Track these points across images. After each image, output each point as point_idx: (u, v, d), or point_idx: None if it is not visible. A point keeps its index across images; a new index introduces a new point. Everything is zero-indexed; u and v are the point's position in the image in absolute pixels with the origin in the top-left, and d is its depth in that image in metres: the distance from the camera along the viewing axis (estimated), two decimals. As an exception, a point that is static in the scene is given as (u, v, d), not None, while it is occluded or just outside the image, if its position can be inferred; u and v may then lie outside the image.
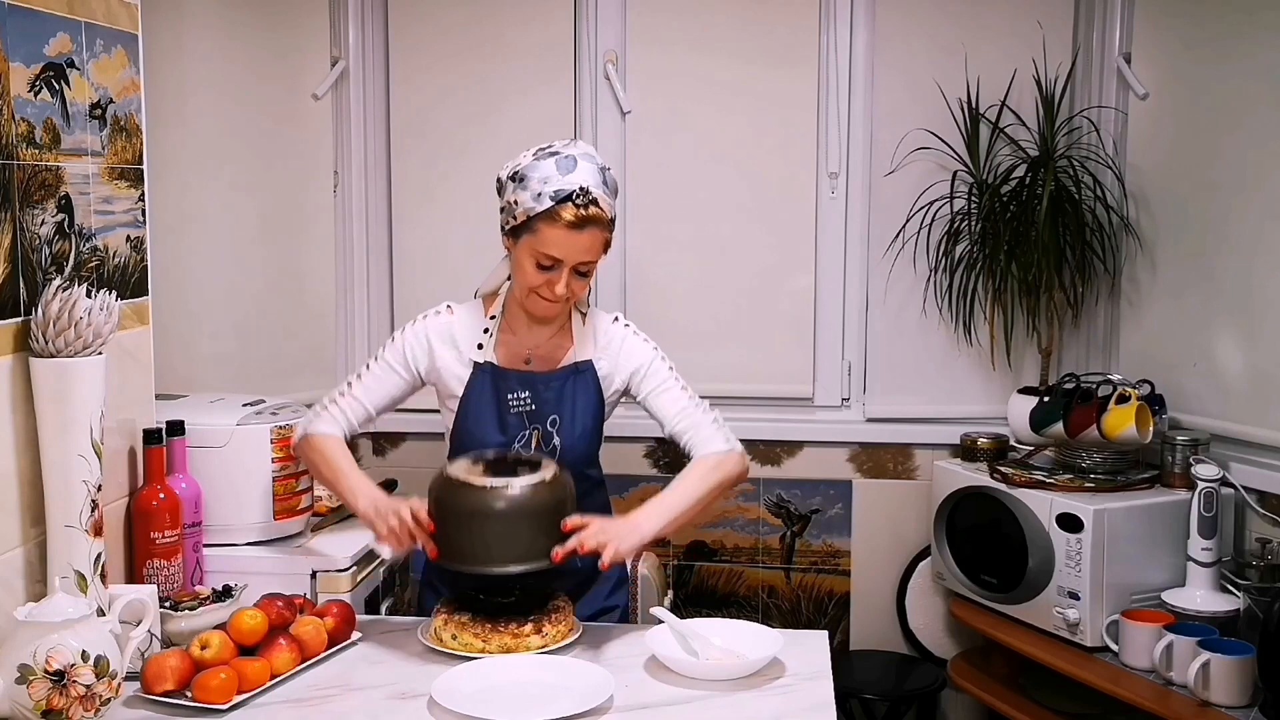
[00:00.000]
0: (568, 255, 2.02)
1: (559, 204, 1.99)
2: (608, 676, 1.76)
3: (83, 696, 1.56)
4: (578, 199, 1.99)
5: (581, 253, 2.03)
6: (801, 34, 3.13)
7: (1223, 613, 2.49)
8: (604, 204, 2.02)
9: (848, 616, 3.27)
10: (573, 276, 2.04)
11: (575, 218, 1.99)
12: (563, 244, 2.01)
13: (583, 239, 2.01)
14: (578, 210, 1.99)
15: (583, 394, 2.14)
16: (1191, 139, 2.85)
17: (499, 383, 2.12)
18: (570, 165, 2.02)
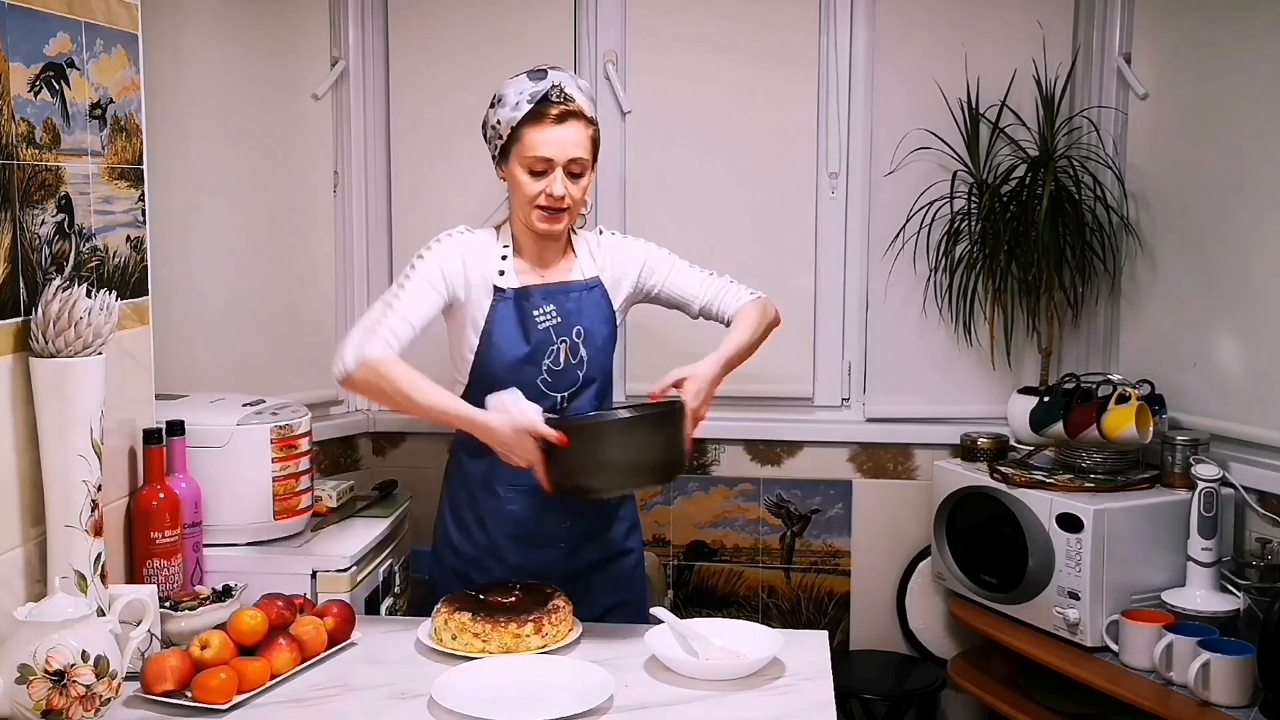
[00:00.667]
0: (557, 153, 2.09)
1: (537, 105, 2.08)
2: (608, 676, 1.76)
3: (83, 696, 1.56)
4: (554, 95, 2.09)
5: (570, 148, 2.09)
6: (801, 34, 3.13)
7: (1223, 613, 2.49)
8: (581, 101, 2.11)
9: (848, 616, 3.27)
10: (568, 179, 2.10)
11: (557, 113, 2.08)
12: (550, 142, 2.08)
13: (567, 133, 2.09)
14: (556, 105, 2.08)
15: (597, 306, 2.22)
16: (1191, 139, 2.85)
17: (523, 301, 2.16)
18: (541, 74, 2.11)
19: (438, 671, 1.84)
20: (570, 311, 2.19)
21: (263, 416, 2.30)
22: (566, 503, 2.13)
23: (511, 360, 2.15)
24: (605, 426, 2.09)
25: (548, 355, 2.16)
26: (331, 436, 3.19)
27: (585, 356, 2.19)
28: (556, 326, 2.17)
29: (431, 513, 3.22)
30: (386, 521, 2.52)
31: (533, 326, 2.16)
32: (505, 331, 2.15)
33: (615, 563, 2.30)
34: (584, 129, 2.12)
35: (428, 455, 3.32)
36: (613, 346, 2.26)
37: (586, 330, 2.20)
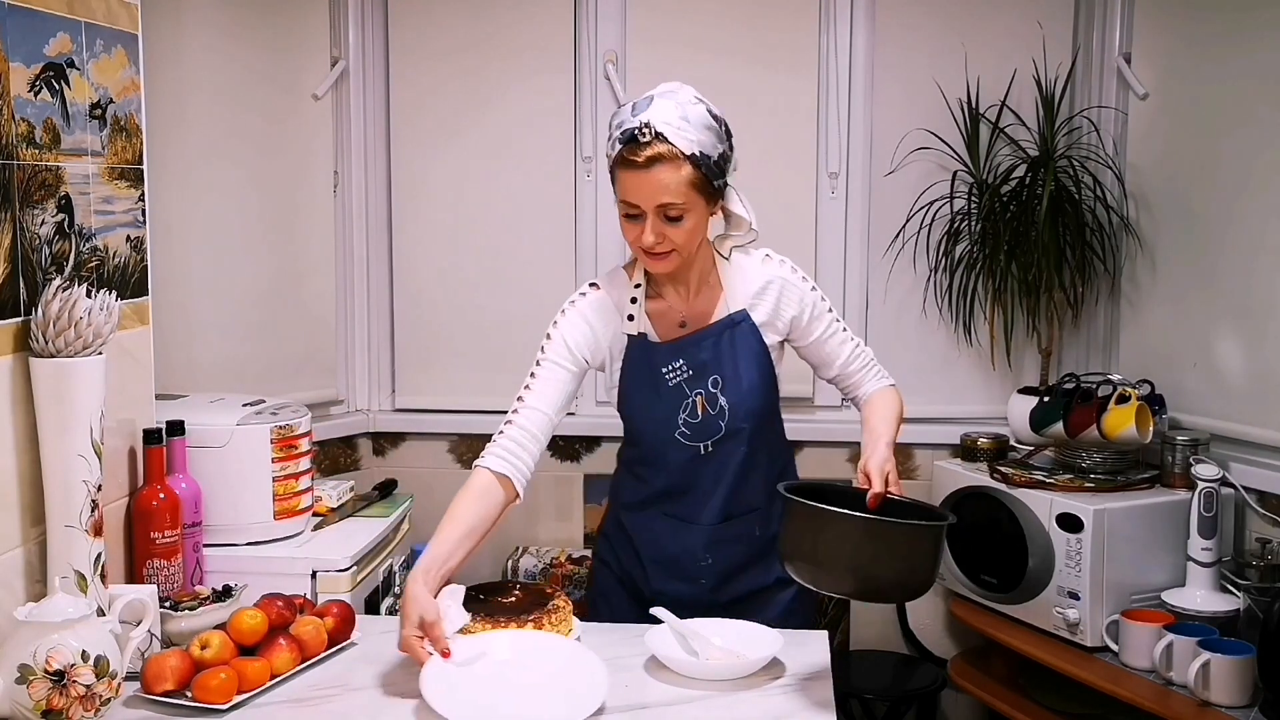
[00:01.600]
0: (642, 199, 1.89)
1: (625, 146, 1.89)
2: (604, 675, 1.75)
3: (83, 696, 1.56)
4: (641, 135, 1.87)
5: (656, 195, 1.88)
6: (801, 34, 3.13)
7: (1223, 613, 2.49)
8: (676, 139, 1.88)
9: (848, 616, 3.27)
10: (662, 223, 1.90)
11: (643, 158, 1.87)
12: (634, 188, 1.89)
13: (652, 179, 1.87)
14: (641, 149, 1.87)
15: (743, 346, 2.03)
16: (1191, 139, 2.85)
17: (652, 357, 2.03)
18: (645, 104, 1.92)
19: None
20: (704, 362, 2.02)
21: (263, 416, 2.30)
22: (709, 536, 2.08)
23: (646, 417, 2.06)
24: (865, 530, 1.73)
25: (683, 409, 2.03)
26: (331, 436, 3.19)
27: (726, 406, 2.02)
28: (688, 380, 2.02)
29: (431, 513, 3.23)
30: (386, 521, 2.52)
31: (662, 382, 2.03)
32: (637, 385, 2.05)
33: (771, 595, 2.14)
34: (676, 171, 1.87)
35: (428, 455, 3.32)
36: (766, 384, 2.06)
37: (725, 379, 2.02)
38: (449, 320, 3.29)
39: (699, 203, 1.92)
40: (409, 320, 3.30)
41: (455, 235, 3.26)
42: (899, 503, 1.84)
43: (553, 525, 3.30)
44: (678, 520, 2.11)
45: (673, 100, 1.93)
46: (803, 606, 2.17)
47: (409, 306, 3.30)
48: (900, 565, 1.72)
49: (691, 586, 2.12)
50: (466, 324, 3.29)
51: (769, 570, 2.12)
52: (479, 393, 3.28)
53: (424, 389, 3.32)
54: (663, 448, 2.07)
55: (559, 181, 3.23)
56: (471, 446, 3.31)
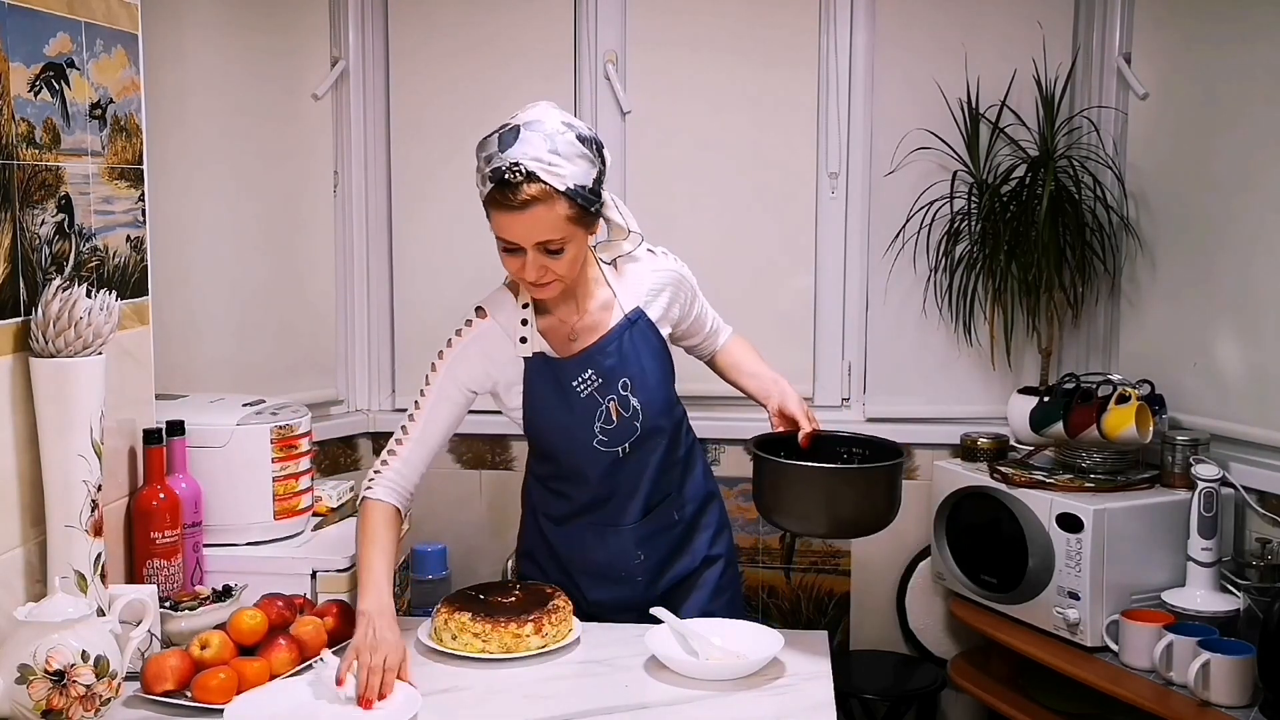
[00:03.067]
0: (520, 238, 1.87)
1: (496, 186, 1.84)
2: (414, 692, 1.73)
3: (83, 696, 1.56)
4: (512, 176, 1.82)
5: (534, 234, 1.86)
6: (801, 34, 3.13)
7: (1223, 613, 2.49)
8: (547, 176, 1.83)
9: (848, 616, 3.27)
10: (543, 257, 1.89)
11: (517, 200, 1.83)
12: (509, 227, 1.86)
13: (527, 219, 1.84)
14: (512, 192, 1.82)
15: (644, 344, 2.07)
16: (1191, 139, 2.85)
17: (557, 373, 2.03)
18: (512, 138, 1.85)
19: (438, 671, 1.84)
20: (611, 368, 2.03)
21: (263, 416, 2.30)
22: (636, 535, 2.11)
23: (559, 431, 2.06)
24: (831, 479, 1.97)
25: (598, 418, 2.04)
26: (331, 436, 3.19)
27: (639, 405, 2.05)
28: (599, 389, 2.03)
29: (431, 513, 3.24)
30: (386, 521, 2.52)
31: (573, 395, 2.03)
32: (544, 403, 2.04)
33: (699, 577, 2.19)
34: (551, 209, 1.84)
35: (428, 455, 3.32)
36: (669, 377, 2.11)
37: (634, 380, 2.05)
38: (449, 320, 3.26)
39: (578, 233, 1.91)
40: (409, 320, 3.30)
41: (455, 235, 3.25)
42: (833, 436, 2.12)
43: (553, 525, 3.30)
44: (604, 526, 2.12)
45: (540, 133, 1.85)
46: (730, 582, 2.24)
47: (409, 306, 3.30)
48: (865, 504, 1.97)
49: (628, 588, 2.14)
50: (466, 324, 3.28)
51: (693, 553, 2.18)
52: (479, 393, 3.27)
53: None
54: (581, 460, 2.07)
55: (559, 181, 3.23)
56: (471, 447, 3.31)
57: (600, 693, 1.78)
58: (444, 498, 3.30)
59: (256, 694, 1.73)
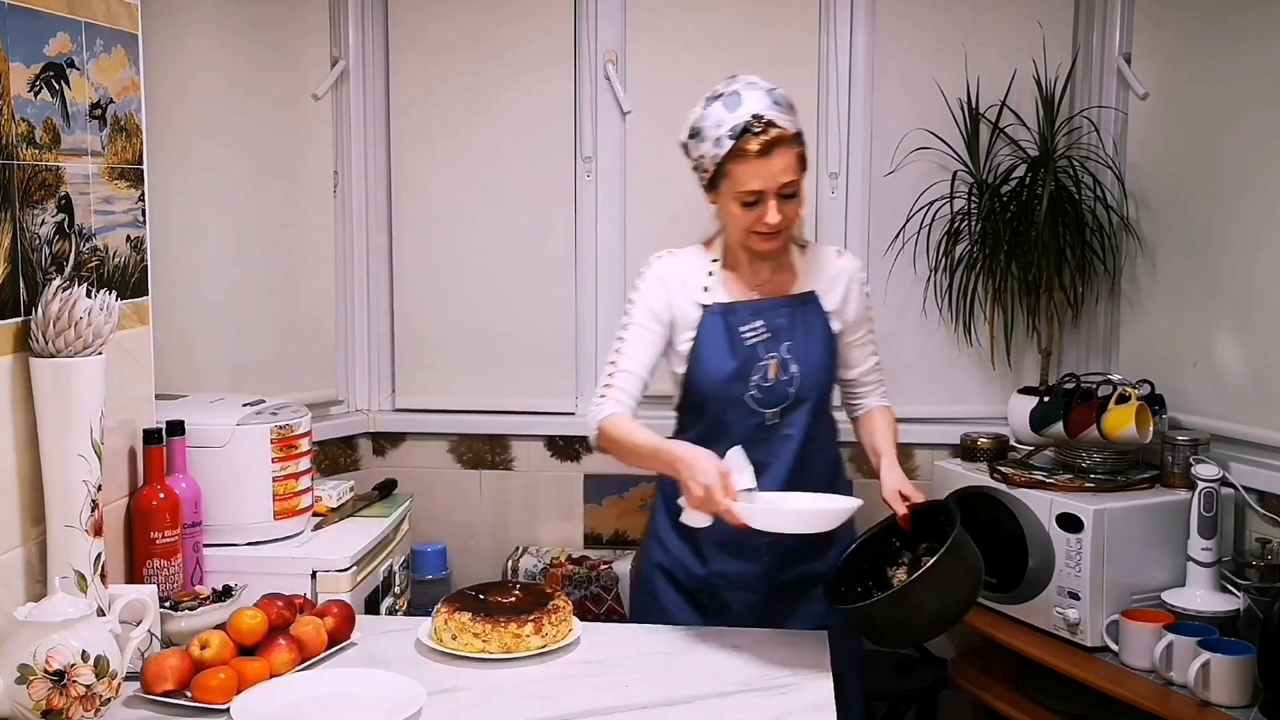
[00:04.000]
0: (767, 184, 2.04)
1: (739, 139, 2.03)
2: (420, 689, 1.73)
3: (83, 696, 1.56)
4: (754, 128, 2.02)
5: (779, 175, 2.04)
6: (801, 34, 3.13)
7: (1223, 613, 2.49)
8: (783, 122, 2.04)
9: (848, 616, 3.27)
10: (780, 202, 2.05)
11: (760, 145, 2.02)
12: (758, 174, 2.03)
13: (775, 163, 2.03)
14: (758, 138, 2.02)
15: (813, 323, 2.18)
16: (1191, 139, 2.85)
17: (729, 317, 2.15)
18: (736, 101, 2.05)
19: (438, 671, 1.84)
20: (780, 327, 2.15)
21: (263, 416, 2.30)
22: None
23: (719, 377, 2.14)
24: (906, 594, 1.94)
25: (755, 372, 2.13)
26: (331, 436, 3.19)
27: (796, 373, 2.14)
28: (765, 342, 2.14)
29: (431, 513, 3.24)
30: (386, 521, 2.52)
31: (739, 342, 2.13)
32: (712, 347, 2.14)
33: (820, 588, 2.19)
34: (790, 150, 2.05)
35: (428, 455, 3.32)
36: (831, 363, 2.21)
37: (799, 346, 2.15)
38: (449, 320, 3.29)
39: (802, 176, 2.09)
40: (409, 320, 3.30)
41: (455, 235, 3.26)
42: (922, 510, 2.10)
43: (553, 525, 3.30)
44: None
45: (760, 90, 2.07)
46: None
47: (409, 306, 3.30)
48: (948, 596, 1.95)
49: (753, 565, 2.17)
50: (467, 324, 3.29)
51: (827, 558, 2.17)
52: (479, 393, 3.28)
53: (424, 389, 3.32)
54: (731, 416, 2.14)
55: (559, 181, 3.23)
56: (471, 447, 3.31)
57: (600, 693, 1.78)
58: (444, 498, 3.30)
59: (261, 690, 1.73)
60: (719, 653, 1.94)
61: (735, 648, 1.96)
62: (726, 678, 1.84)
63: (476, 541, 3.30)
